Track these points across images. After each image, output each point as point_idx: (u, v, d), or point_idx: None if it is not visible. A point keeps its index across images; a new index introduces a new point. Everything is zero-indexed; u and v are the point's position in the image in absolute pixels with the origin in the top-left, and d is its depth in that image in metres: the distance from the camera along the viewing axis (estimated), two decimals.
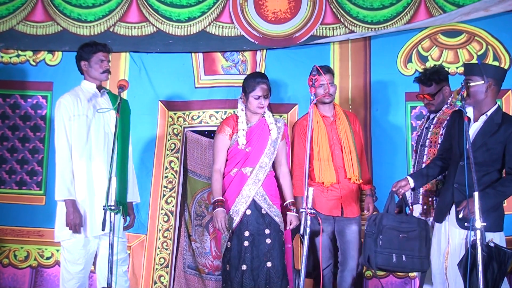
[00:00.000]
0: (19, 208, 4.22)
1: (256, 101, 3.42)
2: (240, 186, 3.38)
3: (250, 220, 3.34)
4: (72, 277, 3.19)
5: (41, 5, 4.35)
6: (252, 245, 3.30)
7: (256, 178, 3.39)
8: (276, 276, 3.29)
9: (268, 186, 3.43)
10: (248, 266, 3.28)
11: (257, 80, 3.43)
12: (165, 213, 4.19)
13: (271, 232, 3.35)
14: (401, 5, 4.22)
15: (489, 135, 3.04)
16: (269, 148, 3.45)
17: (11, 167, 4.30)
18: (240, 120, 3.44)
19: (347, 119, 3.69)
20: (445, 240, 3.14)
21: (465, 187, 2.86)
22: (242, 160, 3.42)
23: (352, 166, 3.60)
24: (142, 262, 4.15)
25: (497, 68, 3.25)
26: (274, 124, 3.50)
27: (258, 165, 3.41)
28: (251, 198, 3.36)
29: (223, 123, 3.50)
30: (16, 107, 4.34)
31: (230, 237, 3.33)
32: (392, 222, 3.19)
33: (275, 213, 3.40)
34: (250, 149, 3.42)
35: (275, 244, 3.33)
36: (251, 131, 3.46)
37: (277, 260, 3.31)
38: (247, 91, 3.43)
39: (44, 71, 4.34)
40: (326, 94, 3.57)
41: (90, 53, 3.29)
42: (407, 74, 4.22)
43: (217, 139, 3.48)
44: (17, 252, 4.24)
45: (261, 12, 4.32)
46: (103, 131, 3.26)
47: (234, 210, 3.35)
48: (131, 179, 3.36)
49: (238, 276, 3.27)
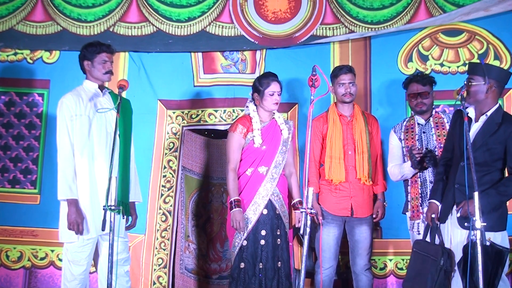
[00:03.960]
0: (12, 207, 4.14)
1: (271, 97, 3.47)
2: (257, 185, 3.39)
3: (267, 219, 3.37)
4: (74, 278, 3.15)
5: (41, 5, 4.36)
6: (267, 244, 3.34)
7: (272, 177, 3.42)
8: (284, 276, 3.34)
9: (282, 186, 3.47)
10: (264, 264, 3.32)
11: (270, 78, 3.52)
12: (163, 213, 4.11)
13: (281, 233, 3.40)
14: (401, 5, 4.24)
15: (489, 135, 3.01)
16: (281, 147, 3.50)
17: (4, 165, 4.23)
18: (254, 120, 3.48)
19: (364, 120, 3.68)
20: (447, 240, 3.11)
21: (466, 187, 2.83)
22: (257, 160, 3.44)
23: (363, 166, 3.59)
24: (141, 262, 4.07)
25: (500, 70, 3.22)
26: (285, 124, 3.55)
27: (273, 164, 3.44)
28: (268, 197, 3.39)
29: (237, 122, 3.52)
30: (11, 105, 4.30)
31: (247, 236, 3.33)
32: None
33: (284, 214, 3.44)
34: (265, 148, 3.44)
35: (284, 244, 3.38)
36: (265, 131, 3.50)
37: (285, 261, 3.36)
38: (261, 89, 3.47)
39: (41, 69, 4.31)
40: (347, 94, 3.61)
41: (94, 53, 3.28)
42: (407, 73, 4.20)
43: (231, 138, 3.46)
44: (10, 252, 4.14)
45: (261, 12, 4.33)
46: (105, 131, 3.23)
47: (252, 209, 3.37)
48: (133, 178, 3.33)
49: (255, 273, 3.29)
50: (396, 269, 4.09)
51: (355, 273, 3.60)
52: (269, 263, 3.31)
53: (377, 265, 4.08)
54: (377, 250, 3.99)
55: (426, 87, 3.60)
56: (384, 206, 3.69)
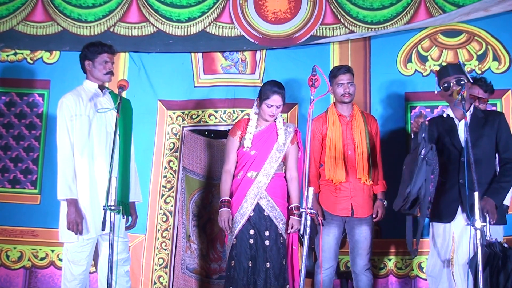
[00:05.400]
0: (12, 207, 4.14)
1: (268, 109, 3.46)
2: (246, 189, 3.43)
3: (254, 220, 3.40)
4: (74, 278, 3.15)
5: (41, 5, 4.36)
6: (255, 244, 3.37)
7: (260, 182, 3.43)
8: (273, 276, 3.34)
9: (273, 189, 3.46)
10: (253, 263, 3.35)
11: (273, 89, 3.45)
12: (164, 213, 4.12)
13: (270, 234, 3.40)
14: (401, 5, 4.24)
15: (480, 128, 3.08)
16: (274, 153, 3.48)
17: (4, 165, 4.23)
18: (250, 124, 3.51)
19: (364, 120, 3.68)
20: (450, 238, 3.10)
21: (474, 182, 2.78)
22: (248, 164, 3.47)
23: (363, 166, 3.59)
24: (142, 262, 4.07)
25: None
26: (284, 129, 3.54)
27: (262, 170, 3.45)
28: (255, 201, 3.41)
29: (235, 125, 3.60)
30: (11, 105, 4.30)
31: (237, 234, 3.37)
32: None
33: (276, 216, 3.43)
34: (255, 153, 3.46)
35: (273, 246, 3.38)
36: (258, 135, 3.50)
37: (274, 261, 3.35)
38: (262, 98, 3.47)
39: (41, 69, 4.31)
40: (346, 94, 3.60)
41: (95, 53, 3.28)
42: (407, 74, 4.22)
43: (228, 141, 3.56)
44: (10, 252, 4.14)
45: (261, 12, 4.34)
46: (105, 131, 3.24)
47: (240, 213, 3.41)
48: (133, 178, 3.34)
49: (244, 271, 3.33)
50: (396, 269, 4.11)
51: (355, 273, 3.60)
52: (258, 263, 3.34)
53: (377, 264, 4.09)
54: (376, 250, 3.99)
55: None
56: (384, 206, 3.69)
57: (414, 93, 4.16)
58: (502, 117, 3.17)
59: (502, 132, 3.10)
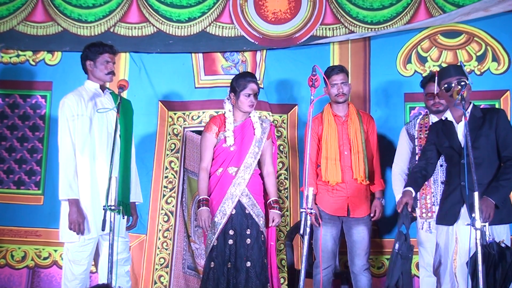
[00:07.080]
0: (17, 208, 4.20)
1: (247, 98, 3.48)
2: (226, 186, 3.43)
3: (235, 219, 3.41)
4: (75, 277, 3.18)
5: (41, 5, 4.36)
6: (235, 244, 3.38)
7: (241, 178, 3.44)
8: (254, 275, 3.35)
9: (252, 185, 3.47)
10: (232, 264, 3.35)
11: (247, 78, 3.51)
12: (165, 213, 4.17)
13: (252, 233, 3.42)
14: (401, 6, 4.23)
15: (478, 129, 3.06)
16: (253, 147, 3.50)
17: (9, 167, 4.27)
18: (228, 121, 3.50)
19: (359, 119, 3.67)
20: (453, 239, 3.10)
21: (474, 183, 2.78)
22: (227, 160, 3.47)
23: (359, 166, 3.59)
24: (142, 262, 4.12)
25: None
26: (259, 123, 3.55)
27: (243, 165, 3.46)
28: (237, 198, 3.42)
29: (210, 122, 3.58)
30: (15, 107, 4.33)
31: (217, 235, 3.38)
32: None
33: (257, 213, 3.45)
34: (234, 148, 3.47)
35: (254, 245, 3.39)
36: (236, 131, 3.51)
37: (255, 260, 3.36)
38: (237, 90, 3.48)
39: (43, 71, 4.33)
40: (340, 94, 3.61)
41: (97, 53, 3.29)
42: (406, 74, 4.22)
43: (203, 138, 3.55)
44: (14, 252, 4.20)
45: (261, 12, 4.33)
46: (106, 131, 3.25)
47: (221, 210, 3.41)
48: (133, 179, 3.36)
49: (223, 273, 3.33)
50: None
51: (354, 273, 3.62)
52: (238, 263, 3.34)
53: (375, 264, 4.13)
54: (374, 250, 4.03)
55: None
56: (382, 205, 3.70)
57: (414, 94, 4.15)
58: (501, 113, 3.12)
59: (500, 129, 3.06)
